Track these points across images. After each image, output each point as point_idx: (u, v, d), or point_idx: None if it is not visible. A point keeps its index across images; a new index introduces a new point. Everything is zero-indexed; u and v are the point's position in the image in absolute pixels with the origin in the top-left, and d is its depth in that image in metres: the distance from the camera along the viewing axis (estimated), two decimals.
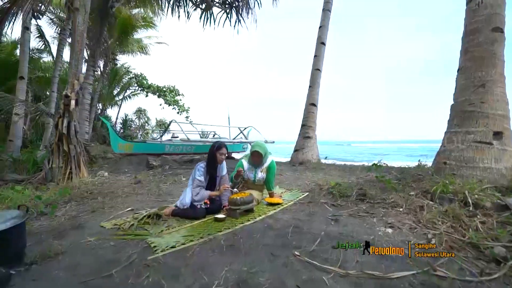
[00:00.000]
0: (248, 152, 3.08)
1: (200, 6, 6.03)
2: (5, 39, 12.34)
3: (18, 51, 10.63)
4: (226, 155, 2.78)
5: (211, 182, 2.78)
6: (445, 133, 3.30)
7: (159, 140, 8.52)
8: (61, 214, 2.79)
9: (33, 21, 12.18)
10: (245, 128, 9.58)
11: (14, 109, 7.48)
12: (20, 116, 7.81)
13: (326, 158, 6.25)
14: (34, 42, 13.67)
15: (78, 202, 3.23)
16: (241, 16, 6.09)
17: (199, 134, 11.58)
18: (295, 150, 6.59)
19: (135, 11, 13.41)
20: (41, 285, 1.51)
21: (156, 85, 17.49)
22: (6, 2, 5.37)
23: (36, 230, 2.38)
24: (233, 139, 9.71)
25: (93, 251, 1.90)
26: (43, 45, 13.56)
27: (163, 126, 19.74)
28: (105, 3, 7.64)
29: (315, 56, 6.96)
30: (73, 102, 4.27)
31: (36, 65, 13.55)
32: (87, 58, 9.57)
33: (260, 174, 2.99)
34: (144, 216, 2.54)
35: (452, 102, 3.29)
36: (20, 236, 1.63)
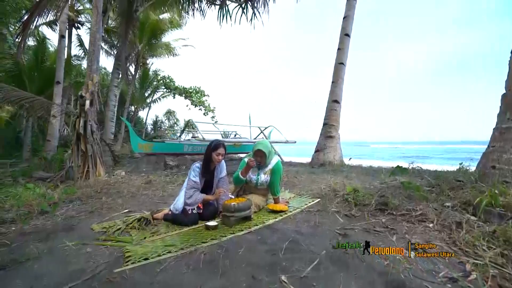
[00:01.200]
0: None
1: (215, 2, 5.87)
2: (52, 49, 13.53)
3: None
4: (224, 155, 2.50)
5: (208, 184, 2.53)
6: (493, 129, 2.67)
7: (178, 140, 8.57)
8: (60, 214, 2.74)
9: (74, 31, 13.29)
10: (266, 128, 9.27)
11: (51, 111, 8.10)
12: (56, 118, 8.42)
13: (350, 159, 5.69)
14: (75, 50, 14.89)
15: (82, 202, 3.20)
16: (257, 10, 5.82)
17: (221, 134, 11.54)
18: (316, 151, 6.11)
19: (163, 15, 13.88)
20: None
21: (182, 87, 17.96)
22: (25, 13, 5.69)
23: (29, 230, 2.33)
24: (254, 139, 9.47)
25: (66, 258, 1.75)
26: (83, 53, 14.63)
27: (191, 127, 20.31)
28: (129, 7, 7.90)
29: (338, 49, 6.41)
30: (87, 103, 4.35)
31: (77, 71, 14.68)
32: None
33: (264, 177, 2.67)
34: (134, 220, 2.38)
35: (504, 91, 2.64)
36: None
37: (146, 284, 1.39)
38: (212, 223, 2.21)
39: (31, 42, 13.92)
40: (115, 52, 9.95)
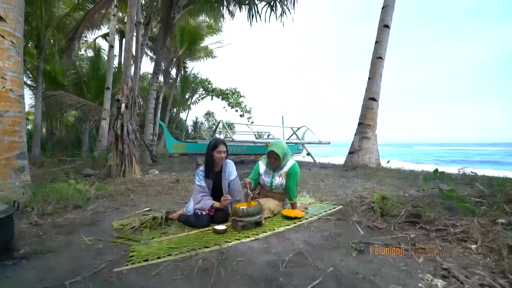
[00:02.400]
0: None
1: (245, 2, 5.86)
2: (105, 57, 15.14)
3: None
4: (226, 153, 2.39)
5: (217, 187, 2.45)
6: None
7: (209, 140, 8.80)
8: (90, 209, 2.96)
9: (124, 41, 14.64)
10: (299, 129, 8.98)
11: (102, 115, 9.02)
12: (105, 120, 9.34)
13: (388, 162, 5.14)
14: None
15: (112, 198, 3.41)
16: (286, 7, 5.64)
17: (254, 135, 11.55)
18: (350, 153, 5.67)
19: (200, 18, 14.46)
20: (8, 285, 1.47)
21: (219, 89, 18.48)
22: (72, 30, 6.34)
23: (61, 223, 2.53)
24: (287, 139, 9.25)
25: (78, 252, 1.84)
26: (131, 61, 15.98)
27: (229, 127, 20.82)
28: (167, 14, 8.36)
29: (376, 42, 5.86)
30: (123, 106, 4.68)
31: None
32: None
33: (278, 180, 2.50)
34: (149, 219, 2.43)
35: None
36: (2, 230, 1.66)
37: (137, 287, 1.37)
38: (220, 227, 2.14)
39: (90, 53, 15.83)
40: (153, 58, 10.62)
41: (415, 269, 1.39)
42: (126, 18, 12.56)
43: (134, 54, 7.62)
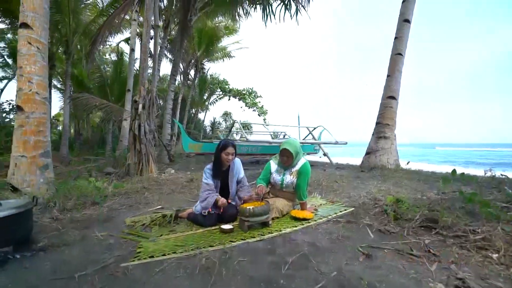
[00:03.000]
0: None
1: (258, 1, 5.86)
2: (127, 61, 15.81)
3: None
4: (234, 155, 2.39)
5: (224, 186, 2.45)
6: None
7: None
8: (107, 206, 3.08)
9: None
10: (315, 128, 8.82)
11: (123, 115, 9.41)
12: (126, 121, 9.73)
13: (408, 163, 4.89)
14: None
15: (127, 196, 3.54)
16: (301, 5, 5.55)
17: (271, 135, 11.50)
18: (367, 153, 5.46)
19: (217, 19, 14.67)
20: (25, 275, 1.56)
21: (236, 89, 18.62)
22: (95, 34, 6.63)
23: (79, 218, 2.66)
24: (303, 139, 9.12)
25: (91, 247, 1.92)
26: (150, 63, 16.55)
27: (246, 128, 20.97)
28: (185, 16, 8.56)
29: (396, 37, 5.60)
30: (140, 106, 4.84)
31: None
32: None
33: (289, 178, 2.46)
34: (159, 216, 2.49)
35: None
36: (21, 223, 1.76)
37: (141, 282, 1.40)
38: (227, 226, 2.14)
39: (114, 57, 16.60)
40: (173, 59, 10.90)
41: (426, 277, 1.30)
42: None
43: (152, 56, 7.88)
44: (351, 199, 2.88)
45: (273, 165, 2.61)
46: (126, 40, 14.43)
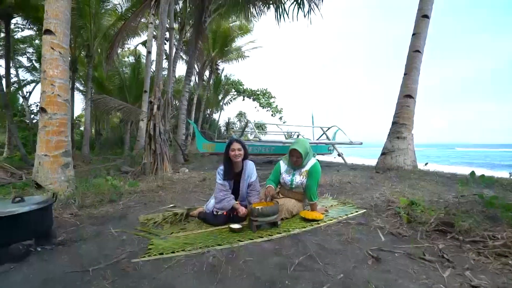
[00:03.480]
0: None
1: (271, 1, 5.85)
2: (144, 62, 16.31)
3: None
4: (243, 152, 2.38)
5: (235, 187, 2.46)
6: None
7: None
8: (122, 203, 3.20)
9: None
10: (329, 128, 8.68)
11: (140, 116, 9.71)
12: (143, 121, 10.04)
13: (426, 164, 4.68)
14: (164, 63, 17.40)
15: (142, 194, 3.65)
16: (314, 3, 5.48)
17: (284, 135, 11.45)
18: (382, 154, 5.30)
19: (230, 19, 14.80)
20: (45, 267, 1.65)
21: (250, 89, 18.69)
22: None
23: (96, 214, 2.78)
24: (317, 139, 9.01)
25: (105, 242, 2.00)
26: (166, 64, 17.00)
27: (261, 128, 21.02)
28: (199, 19, 8.71)
29: (413, 34, 5.39)
30: (155, 107, 4.97)
31: (164, 80, 17.21)
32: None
33: (299, 179, 2.43)
34: (171, 214, 2.55)
35: None
36: (43, 218, 1.87)
37: (149, 278, 1.45)
38: (236, 225, 2.16)
39: (133, 60, 17.17)
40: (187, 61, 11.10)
41: (437, 284, 1.25)
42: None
43: (168, 58, 8.09)
44: (363, 201, 2.82)
45: (283, 165, 2.60)
46: (144, 43, 14.87)
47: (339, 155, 8.00)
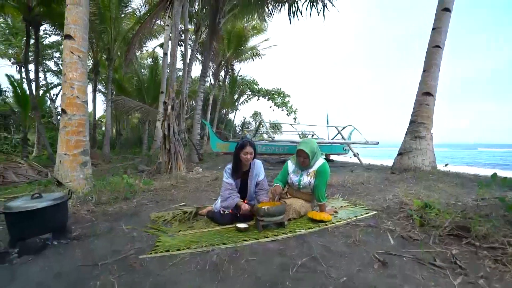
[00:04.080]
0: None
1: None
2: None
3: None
4: (253, 155, 2.39)
5: (243, 186, 2.47)
6: None
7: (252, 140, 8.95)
8: (136, 201, 3.30)
9: (179, 48, 15.96)
10: (344, 128, 8.49)
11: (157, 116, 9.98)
12: (159, 121, 10.32)
13: (446, 165, 4.44)
14: (179, 64, 17.83)
15: (155, 193, 3.75)
16: (327, 0, 5.38)
17: (299, 134, 11.33)
18: (399, 154, 5.09)
19: (245, 19, 14.86)
20: (59, 260, 1.74)
21: (265, 89, 18.66)
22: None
23: (111, 211, 2.89)
24: (331, 139, 8.84)
25: (116, 238, 2.08)
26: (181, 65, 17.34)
27: (276, 128, 20.96)
28: (213, 20, 8.81)
29: (433, 29, 5.12)
30: (169, 108, 5.09)
31: (180, 81, 17.61)
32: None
33: (307, 179, 2.40)
34: (180, 213, 2.60)
35: None
36: (59, 213, 1.97)
37: (154, 274, 1.48)
38: (243, 225, 2.16)
39: (150, 61, 17.70)
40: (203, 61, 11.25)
41: None
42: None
43: (183, 59, 8.26)
44: (375, 202, 2.72)
45: (291, 165, 2.57)
46: (161, 45, 15.29)
47: (354, 155, 7.80)
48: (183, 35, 8.76)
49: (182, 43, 15.37)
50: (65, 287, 1.39)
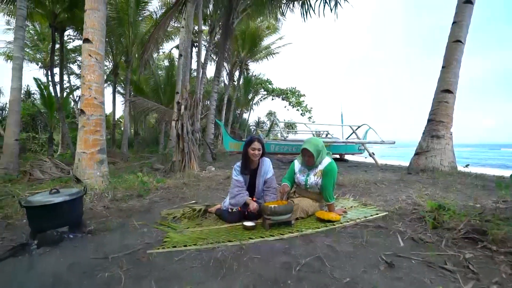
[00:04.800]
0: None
1: None
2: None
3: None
4: (261, 151, 2.38)
5: (251, 184, 2.48)
6: None
7: (265, 139, 8.93)
8: (149, 198, 3.41)
9: (194, 50, 16.25)
10: (359, 127, 8.29)
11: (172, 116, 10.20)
12: (174, 121, 10.56)
13: (467, 166, 4.21)
14: (194, 65, 18.12)
15: (168, 190, 3.84)
16: None
17: (313, 134, 11.19)
18: (416, 154, 4.89)
19: (260, 24, 14.88)
20: (74, 252, 1.82)
21: (279, 88, 18.57)
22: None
23: (124, 208, 3.00)
24: (346, 139, 8.66)
25: (128, 233, 2.16)
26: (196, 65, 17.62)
27: (291, 127, 20.84)
28: (227, 20, 8.90)
29: (454, 22, 4.87)
30: (182, 107, 5.20)
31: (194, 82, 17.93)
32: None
33: (313, 179, 2.37)
34: (189, 210, 2.65)
35: None
36: (74, 208, 2.07)
37: (160, 268, 1.53)
38: (250, 223, 2.17)
39: (167, 63, 18.15)
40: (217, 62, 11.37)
41: None
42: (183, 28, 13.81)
43: (197, 60, 8.40)
44: (387, 203, 2.64)
45: (297, 164, 2.54)
46: (177, 47, 15.62)
47: (370, 155, 7.59)
48: (197, 36, 8.92)
49: (190, 44, 15.65)
50: (77, 278, 1.46)
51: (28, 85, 18.33)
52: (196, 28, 7.43)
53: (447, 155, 4.52)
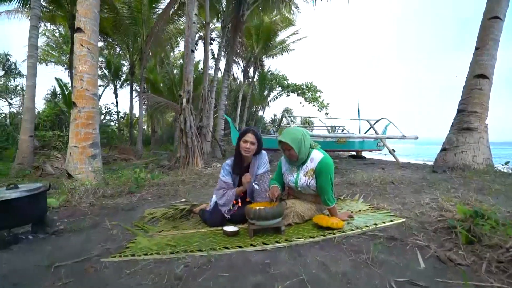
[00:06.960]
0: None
1: None
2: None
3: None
4: (256, 145, 2.00)
5: (241, 184, 2.11)
6: None
7: (275, 135, 8.50)
8: (139, 195, 3.16)
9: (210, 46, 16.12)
10: (378, 121, 7.62)
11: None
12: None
13: (507, 163, 3.53)
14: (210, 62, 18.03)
15: (161, 187, 3.58)
16: None
17: (328, 129, 10.59)
18: (443, 149, 4.23)
19: (274, 17, 14.41)
20: (24, 256, 1.57)
21: (294, 84, 18.00)
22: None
23: (109, 205, 2.77)
24: (363, 134, 8.01)
25: (94, 235, 1.90)
26: (215, 64, 17.54)
27: (307, 123, 20.17)
28: (237, 13, 8.59)
29: None
30: (184, 101, 4.95)
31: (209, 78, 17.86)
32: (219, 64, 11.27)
33: (304, 179, 1.93)
34: (171, 210, 2.37)
35: None
36: (33, 206, 1.83)
37: (103, 283, 1.23)
38: (231, 228, 1.81)
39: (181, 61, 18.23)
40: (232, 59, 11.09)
41: None
42: (188, 21, 13.57)
43: (204, 54, 8.18)
44: (404, 207, 2.16)
45: (284, 163, 2.11)
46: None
47: (390, 152, 6.91)
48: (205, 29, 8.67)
49: (191, 35, 15.47)
50: None
51: (54, 86, 19.24)
52: (203, 21, 7.18)
53: (481, 150, 3.85)
